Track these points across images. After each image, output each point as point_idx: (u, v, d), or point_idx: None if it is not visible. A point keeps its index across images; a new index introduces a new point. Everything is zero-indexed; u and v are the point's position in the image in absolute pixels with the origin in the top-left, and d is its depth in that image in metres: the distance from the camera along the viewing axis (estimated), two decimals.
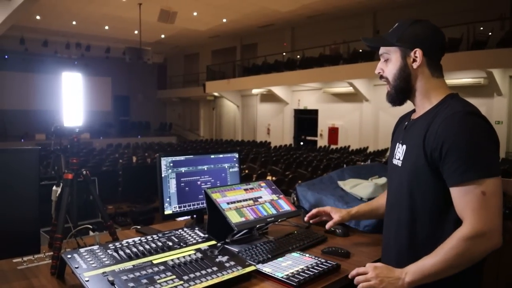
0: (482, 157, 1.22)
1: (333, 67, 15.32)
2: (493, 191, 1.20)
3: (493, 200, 1.21)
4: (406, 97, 1.45)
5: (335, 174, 2.56)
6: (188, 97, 24.68)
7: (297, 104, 19.27)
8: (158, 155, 1.88)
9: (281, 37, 19.59)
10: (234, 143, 19.19)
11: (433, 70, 1.40)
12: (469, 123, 1.25)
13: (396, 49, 1.42)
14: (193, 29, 18.50)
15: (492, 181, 1.21)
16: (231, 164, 2.16)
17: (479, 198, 1.20)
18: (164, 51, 23.96)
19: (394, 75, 1.43)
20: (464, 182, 1.22)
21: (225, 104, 23.32)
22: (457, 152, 1.23)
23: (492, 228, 1.20)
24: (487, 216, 1.20)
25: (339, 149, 15.41)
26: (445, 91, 1.40)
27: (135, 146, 17.20)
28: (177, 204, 1.92)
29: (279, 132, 20.05)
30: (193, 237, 1.57)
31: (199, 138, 23.28)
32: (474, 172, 1.21)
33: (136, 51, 14.55)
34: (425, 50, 1.38)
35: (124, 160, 10.65)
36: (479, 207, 1.20)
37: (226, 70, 20.78)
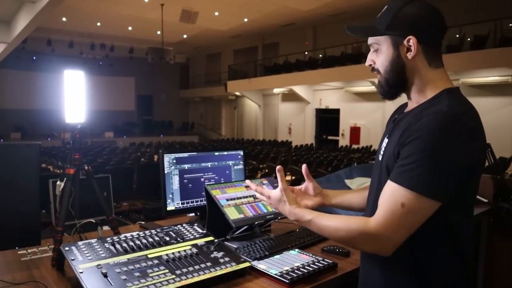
0: (431, 173, 1.08)
1: (355, 66, 15.15)
2: (413, 209, 1.09)
3: (408, 217, 1.10)
4: (399, 90, 1.28)
5: (343, 173, 2.54)
6: (210, 96, 24.86)
7: (318, 103, 19.15)
8: (161, 151, 1.91)
9: (303, 36, 19.50)
10: (256, 142, 19.22)
11: (431, 59, 1.22)
12: (446, 128, 1.09)
13: (387, 38, 1.22)
14: (215, 29, 18.61)
15: (421, 200, 1.08)
16: (235, 162, 2.17)
17: (397, 206, 1.10)
18: (187, 51, 24.19)
19: (386, 67, 1.24)
20: (397, 182, 1.11)
21: (247, 104, 23.38)
22: (412, 150, 1.10)
23: (390, 238, 1.11)
24: (392, 225, 1.10)
25: (361, 149, 15.25)
26: (443, 84, 1.22)
27: (157, 145, 17.42)
28: (180, 200, 1.94)
29: (300, 131, 19.97)
30: (191, 233, 1.59)
31: (221, 137, 23.43)
32: (409, 179, 1.09)
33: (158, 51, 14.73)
34: (420, 36, 1.18)
35: (146, 158, 10.80)
36: (390, 213, 1.11)
37: (247, 69, 20.82)
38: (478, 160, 1.14)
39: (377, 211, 1.15)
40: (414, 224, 1.11)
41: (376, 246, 1.15)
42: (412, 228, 1.11)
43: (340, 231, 1.20)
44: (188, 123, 26.49)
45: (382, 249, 1.14)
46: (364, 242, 1.17)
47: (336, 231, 1.21)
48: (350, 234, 1.17)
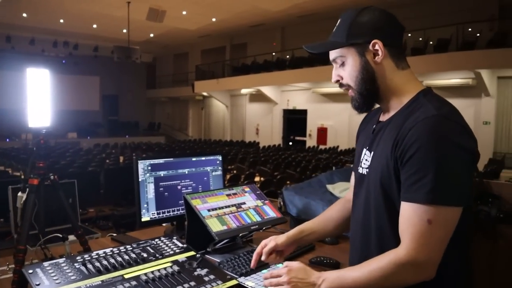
0: (446, 180, 1.02)
1: (323, 67, 15.24)
2: (441, 222, 1.03)
3: (438, 232, 1.04)
4: (374, 100, 1.23)
5: (324, 177, 2.46)
6: (177, 96, 24.52)
7: (286, 104, 19.22)
8: (135, 157, 1.76)
9: (271, 36, 19.50)
10: (223, 143, 19.09)
11: (398, 60, 1.19)
12: (441, 131, 1.04)
13: (350, 48, 1.19)
14: (183, 28, 18.33)
15: (446, 211, 1.03)
16: (214, 167, 2.05)
17: (423, 225, 1.03)
18: (153, 51, 23.74)
19: (356, 77, 1.19)
20: (414, 201, 1.04)
21: (214, 104, 23.19)
22: (419, 164, 1.04)
23: (428, 260, 1.05)
24: (425, 246, 1.04)
25: (328, 150, 15.38)
26: (415, 86, 1.20)
27: (123, 146, 17.01)
28: (155, 210, 1.80)
29: (268, 132, 19.98)
30: (170, 247, 1.46)
31: (188, 138, 23.12)
32: (428, 194, 1.02)
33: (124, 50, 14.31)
34: (383, 39, 1.16)
35: (111, 160, 10.47)
36: (419, 235, 1.04)
37: (215, 69, 20.63)
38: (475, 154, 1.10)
39: (404, 238, 1.08)
40: (446, 237, 1.06)
41: (417, 273, 1.06)
42: (445, 242, 1.06)
43: (374, 271, 1.09)
44: (154, 123, 26.00)
45: (424, 274, 1.06)
46: (404, 273, 1.07)
47: (370, 274, 1.09)
48: (386, 271, 1.07)
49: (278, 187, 8.27)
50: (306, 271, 1.18)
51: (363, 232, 1.25)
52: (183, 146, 16.97)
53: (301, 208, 2.10)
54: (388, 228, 1.15)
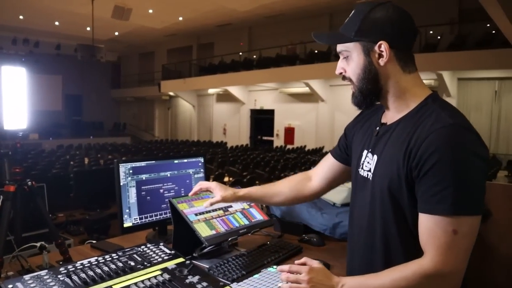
0: (467, 190, 1.01)
1: (290, 67, 15.37)
2: (466, 232, 1.02)
3: (464, 242, 1.03)
4: (375, 99, 1.20)
5: None
6: (143, 96, 24.09)
7: (253, 104, 19.22)
8: (116, 161, 1.68)
9: (238, 36, 19.47)
10: (190, 143, 18.88)
11: (404, 64, 1.15)
12: (462, 142, 1.02)
13: (356, 45, 1.15)
14: (149, 27, 18.03)
15: (469, 221, 1.02)
16: (196, 170, 1.99)
17: (449, 236, 1.01)
18: (118, 49, 23.23)
19: (359, 75, 1.17)
20: (437, 213, 1.02)
21: (181, 104, 22.94)
22: (440, 175, 1.01)
23: (454, 271, 1.04)
24: (452, 257, 1.03)
25: (296, 149, 15.48)
26: (423, 91, 1.16)
27: (87, 147, 16.53)
28: (138, 215, 1.73)
29: (235, 132, 19.94)
30: (158, 255, 1.39)
31: (154, 138, 22.75)
32: (452, 205, 1.00)
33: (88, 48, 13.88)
34: (391, 41, 1.11)
35: (76, 162, 10.14)
36: (446, 246, 1.02)
37: (182, 69, 20.41)
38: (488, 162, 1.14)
39: (428, 249, 1.05)
40: (470, 246, 1.04)
41: (444, 284, 1.05)
42: (469, 251, 1.05)
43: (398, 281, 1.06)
44: (120, 124, 25.41)
45: (450, 285, 1.05)
46: (430, 285, 1.05)
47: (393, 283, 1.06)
48: (411, 281, 1.05)
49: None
50: (326, 273, 1.15)
51: (368, 238, 1.23)
52: (150, 146, 16.68)
53: (284, 209, 2.07)
54: (395, 235, 1.14)
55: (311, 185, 1.52)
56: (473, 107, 13.18)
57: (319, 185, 1.49)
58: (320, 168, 1.52)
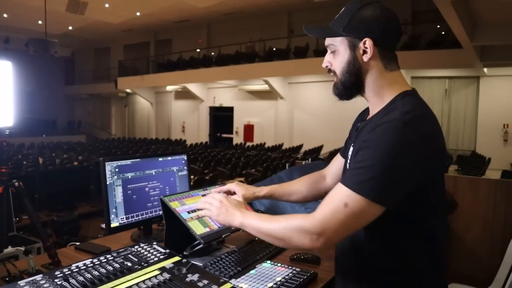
0: (379, 178, 1.04)
1: (249, 64, 15.41)
2: (356, 212, 1.06)
3: (349, 218, 1.06)
4: (356, 92, 1.26)
5: (284, 174, 2.46)
6: (98, 93, 23.34)
7: (212, 101, 19.14)
8: (102, 159, 1.63)
9: (197, 33, 19.28)
10: (149, 141, 18.54)
11: (387, 62, 1.20)
12: (396, 137, 1.06)
13: (343, 40, 1.21)
14: (104, 22, 17.47)
15: (364, 203, 1.05)
16: (179, 167, 1.97)
17: (339, 205, 1.06)
18: (72, 44, 22.30)
19: (343, 69, 1.22)
20: (344, 184, 1.09)
21: (138, 101, 22.46)
22: (365, 156, 1.08)
23: (325, 236, 1.07)
24: (331, 223, 1.07)
25: (256, 146, 15.55)
26: (399, 88, 1.20)
27: (40, 146, 15.82)
28: (124, 215, 1.69)
29: (194, 129, 19.79)
30: (153, 254, 1.36)
31: (111, 136, 22.13)
32: (355, 182, 1.06)
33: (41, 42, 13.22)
34: (376, 39, 1.17)
35: (30, 161, 9.70)
36: (331, 211, 1.07)
37: (139, 66, 19.95)
38: (434, 165, 1.13)
39: (319, 208, 1.11)
40: (354, 226, 1.09)
41: (310, 241, 1.10)
42: (350, 230, 1.09)
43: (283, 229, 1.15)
44: (74, 121, 24.45)
45: (315, 246, 1.10)
46: (298, 237, 1.11)
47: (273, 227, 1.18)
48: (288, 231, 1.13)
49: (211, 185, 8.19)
50: (238, 204, 1.37)
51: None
52: (108, 145, 16.22)
53: (268, 206, 2.09)
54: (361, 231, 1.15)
55: (326, 183, 1.60)
56: None
57: (333, 184, 1.52)
58: (332, 167, 1.59)
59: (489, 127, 12.64)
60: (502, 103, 12.38)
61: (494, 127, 12.54)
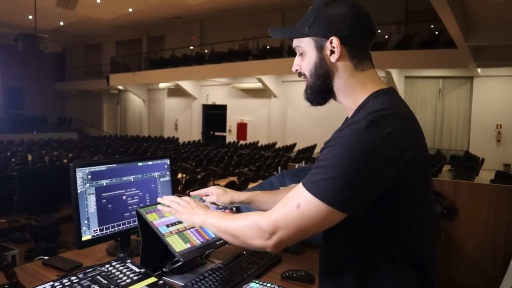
0: (337, 180, 0.96)
1: (242, 62, 15.26)
2: (308, 214, 0.98)
3: (300, 220, 0.99)
4: (327, 96, 1.16)
5: (275, 179, 2.32)
6: (89, 90, 23.03)
7: (205, 99, 19.02)
8: (72, 165, 1.47)
9: (190, 30, 19.09)
10: (141, 139, 18.35)
11: (357, 61, 1.10)
12: (359, 137, 0.97)
13: (310, 40, 1.12)
14: (96, 18, 17.19)
15: (316, 205, 0.97)
16: (161, 173, 1.81)
17: (292, 205, 1.01)
18: (63, 40, 21.98)
19: (311, 71, 1.13)
20: (302, 183, 1.02)
21: (130, 98, 22.23)
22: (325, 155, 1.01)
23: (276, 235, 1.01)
24: (283, 223, 1.01)
25: (249, 145, 15.42)
26: (372, 87, 1.11)
27: (30, 143, 15.55)
28: (98, 226, 1.53)
29: (187, 127, 19.64)
30: (125, 274, 1.21)
31: (102, 134, 21.88)
32: (313, 183, 0.98)
33: (30, 38, 12.90)
34: (343, 37, 1.07)
35: (18, 159, 9.49)
36: (284, 211, 1.01)
37: (131, 62, 19.71)
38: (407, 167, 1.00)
39: (276, 205, 1.06)
40: (309, 229, 1.01)
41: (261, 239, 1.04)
42: (303, 233, 1.01)
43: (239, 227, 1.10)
44: (65, 118, 24.10)
45: (266, 245, 1.03)
46: (251, 234, 1.06)
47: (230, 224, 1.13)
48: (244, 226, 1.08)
49: (202, 185, 8.03)
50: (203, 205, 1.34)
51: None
52: (98, 142, 15.99)
53: None
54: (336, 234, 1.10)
55: None
56: (419, 104, 13.69)
57: None
58: None
59: (482, 127, 12.61)
60: (495, 104, 12.36)
61: (488, 127, 12.51)
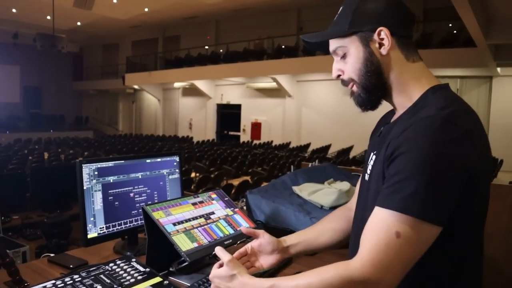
0: (426, 190, 0.84)
1: (257, 62, 15.21)
2: (412, 240, 0.85)
3: (406, 251, 0.85)
4: (380, 96, 1.07)
5: (288, 178, 2.26)
6: (106, 89, 23.26)
7: (220, 98, 19.03)
8: (79, 161, 1.44)
9: (205, 30, 19.12)
10: (155, 138, 18.44)
11: (407, 52, 1.03)
12: (435, 135, 0.87)
13: (353, 38, 1.03)
14: (113, 18, 17.32)
15: (419, 226, 0.84)
16: (170, 170, 1.77)
17: (389, 238, 0.85)
18: (80, 40, 22.24)
19: (360, 70, 1.03)
20: (386, 206, 0.87)
21: (146, 98, 22.38)
22: (401, 165, 0.88)
23: (383, 282, 0.85)
24: (385, 264, 0.85)
25: (263, 144, 15.37)
26: (427, 81, 1.03)
27: (47, 141, 15.78)
28: (104, 224, 1.49)
29: (201, 127, 19.69)
30: (129, 274, 1.17)
31: (118, 133, 22.07)
32: (402, 200, 0.85)
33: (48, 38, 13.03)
34: (391, 27, 1.00)
35: (35, 157, 9.60)
36: (382, 249, 0.85)
37: (147, 62, 19.81)
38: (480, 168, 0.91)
39: (361, 247, 0.89)
40: (413, 258, 0.87)
41: None
42: (410, 264, 0.87)
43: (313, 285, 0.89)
44: (82, 117, 24.40)
45: None
46: None
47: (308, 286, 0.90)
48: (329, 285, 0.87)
49: (215, 184, 8.01)
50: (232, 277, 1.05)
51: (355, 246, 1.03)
52: (114, 141, 16.13)
53: (269, 214, 1.88)
54: None
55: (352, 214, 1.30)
56: None
57: None
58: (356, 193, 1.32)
59: (501, 128, 12.32)
60: None
61: (507, 128, 12.22)
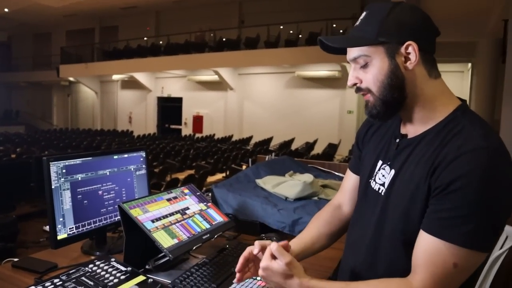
0: (486, 225, 0.89)
1: (199, 54, 15.08)
2: (467, 267, 0.92)
3: (460, 276, 0.93)
4: (396, 110, 1.05)
5: (250, 171, 2.29)
6: (39, 81, 21.85)
7: (160, 91, 18.66)
8: (46, 159, 1.37)
9: (145, 21, 18.61)
10: (94, 132, 17.75)
11: (430, 68, 1.02)
12: (496, 171, 0.89)
13: (379, 48, 1.00)
14: (45, 5, 16.30)
15: (475, 256, 0.91)
16: (137, 166, 1.73)
17: (448, 268, 0.91)
18: (8, 28, 20.79)
19: (382, 82, 1.01)
20: (447, 239, 0.91)
21: (82, 90, 21.43)
22: (462, 201, 0.89)
23: None
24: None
25: (205, 138, 15.30)
26: (450, 100, 1.03)
27: None
28: (74, 224, 1.43)
29: (142, 120, 19.26)
30: (112, 274, 1.14)
31: (53, 127, 20.95)
32: (464, 236, 0.89)
33: None
34: (420, 42, 0.98)
35: None
36: (442, 277, 0.91)
37: (83, 53, 18.90)
38: None
39: (421, 271, 0.93)
40: (462, 280, 0.95)
41: None
42: (460, 283, 0.95)
43: None
44: (12, 111, 22.88)
45: None
46: None
47: None
48: None
49: (160, 178, 7.87)
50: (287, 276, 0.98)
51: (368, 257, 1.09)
52: (49, 136, 15.34)
53: (236, 207, 1.89)
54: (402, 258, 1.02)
55: (343, 213, 1.34)
56: None
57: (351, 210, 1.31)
58: (345, 190, 1.35)
59: None
60: None
61: None
